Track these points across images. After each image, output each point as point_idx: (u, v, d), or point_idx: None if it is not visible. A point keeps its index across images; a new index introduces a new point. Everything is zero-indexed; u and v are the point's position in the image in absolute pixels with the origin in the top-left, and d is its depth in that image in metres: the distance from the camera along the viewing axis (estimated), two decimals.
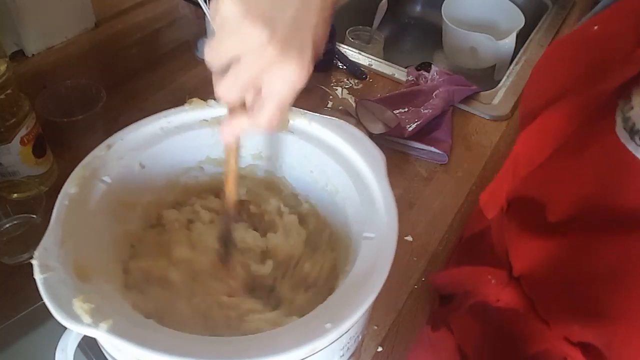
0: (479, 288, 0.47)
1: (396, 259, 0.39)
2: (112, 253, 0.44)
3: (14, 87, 0.63)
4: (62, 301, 0.34)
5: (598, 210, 0.38)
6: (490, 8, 1.24)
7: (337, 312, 0.35)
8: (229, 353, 0.33)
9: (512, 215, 0.47)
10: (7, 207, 0.65)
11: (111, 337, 0.33)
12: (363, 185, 0.45)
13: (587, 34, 0.41)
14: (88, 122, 0.73)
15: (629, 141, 0.34)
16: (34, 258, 0.36)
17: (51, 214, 0.40)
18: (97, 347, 0.41)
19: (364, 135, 0.49)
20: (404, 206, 0.69)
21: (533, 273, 0.44)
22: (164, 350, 0.32)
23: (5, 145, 0.64)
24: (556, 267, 0.41)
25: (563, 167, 0.41)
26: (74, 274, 0.37)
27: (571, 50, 0.43)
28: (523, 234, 0.45)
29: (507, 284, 0.46)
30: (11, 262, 0.61)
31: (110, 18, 0.88)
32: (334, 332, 0.34)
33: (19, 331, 0.55)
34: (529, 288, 0.45)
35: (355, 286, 0.37)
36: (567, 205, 0.41)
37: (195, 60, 0.97)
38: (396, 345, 0.60)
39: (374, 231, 0.41)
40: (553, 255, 0.41)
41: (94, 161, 0.45)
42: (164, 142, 0.49)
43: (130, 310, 0.36)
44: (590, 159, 0.38)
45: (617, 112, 0.36)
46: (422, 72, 1.00)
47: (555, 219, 0.41)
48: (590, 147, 0.38)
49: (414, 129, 0.84)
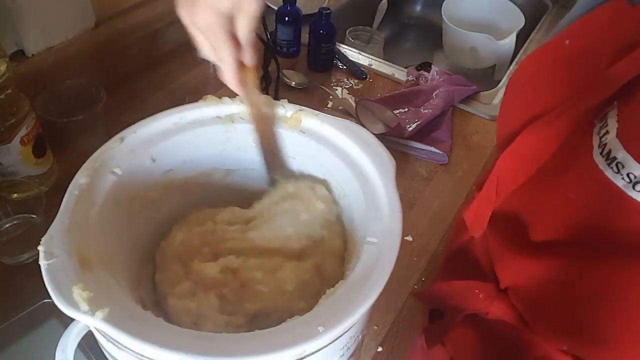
0: (468, 302, 0.47)
1: (396, 258, 0.40)
2: (118, 245, 0.45)
3: (14, 87, 0.63)
4: (63, 288, 0.35)
5: (583, 234, 0.38)
6: (490, 8, 1.24)
7: (330, 316, 0.35)
8: (217, 350, 0.33)
9: (496, 230, 0.47)
10: (7, 207, 0.65)
11: (105, 326, 0.33)
12: (370, 189, 0.45)
13: (559, 49, 0.41)
14: (88, 122, 0.73)
15: (607, 168, 0.34)
16: (40, 244, 0.37)
17: (51, 214, 0.40)
18: (97, 347, 0.41)
19: (376, 139, 0.48)
20: (404, 206, 0.69)
21: (520, 288, 0.44)
22: (154, 342, 0.33)
23: (5, 145, 0.64)
24: (542, 285, 0.41)
25: (546, 190, 0.41)
26: (77, 262, 0.37)
27: (544, 69, 0.42)
28: (508, 251, 0.45)
29: (495, 297, 0.46)
30: (11, 262, 0.61)
31: (110, 18, 0.87)
32: (325, 335, 0.34)
33: (19, 331, 0.55)
34: (517, 300, 0.45)
35: (352, 291, 0.37)
36: (552, 227, 0.40)
37: (195, 60, 0.97)
38: (396, 345, 0.60)
39: (377, 237, 0.41)
40: (539, 275, 0.41)
41: (106, 153, 0.46)
42: (177, 137, 0.49)
43: (129, 301, 0.37)
44: (572, 183, 0.38)
45: (593, 135, 0.35)
46: (422, 72, 1.00)
47: (540, 239, 0.41)
48: (570, 171, 0.38)
49: (414, 129, 0.84)
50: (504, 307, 0.45)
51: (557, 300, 0.40)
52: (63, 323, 0.55)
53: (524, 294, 0.44)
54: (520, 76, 0.46)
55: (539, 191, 0.41)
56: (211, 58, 0.45)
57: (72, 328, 0.43)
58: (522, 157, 0.41)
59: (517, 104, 0.45)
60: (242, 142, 0.52)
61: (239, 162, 0.55)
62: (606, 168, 0.34)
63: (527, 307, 0.44)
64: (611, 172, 0.33)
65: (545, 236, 0.41)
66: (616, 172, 0.33)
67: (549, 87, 0.41)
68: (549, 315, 0.42)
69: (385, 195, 0.44)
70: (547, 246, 0.41)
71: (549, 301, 0.41)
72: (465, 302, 0.47)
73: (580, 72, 0.38)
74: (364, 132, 0.49)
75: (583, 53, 0.38)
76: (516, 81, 0.47)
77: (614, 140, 0.33)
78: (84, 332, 0.43)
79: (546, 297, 0.41)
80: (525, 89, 0.45)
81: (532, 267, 0.42)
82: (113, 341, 0.35)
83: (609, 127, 0.34)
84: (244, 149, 0.53)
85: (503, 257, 0.46)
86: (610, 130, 0.34)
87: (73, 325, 0.43)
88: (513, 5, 1.21)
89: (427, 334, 0.56)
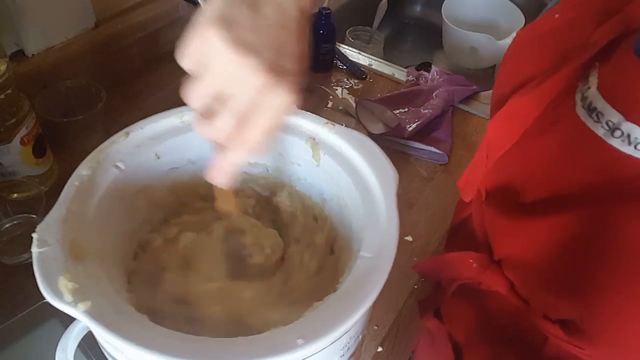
0: (461, 272, 0.48)
1: (396, 258, 0.39)
2: (115, 238, 0.44)
3: (14, 87, 0.63)
4: (50, 277, 0.35)
5: (571, 188, 0.39)
6: (490, 8, 1.24)
7: (313, 328, 0.34)
8: (195, 352, 0.33)
9: (489, 201, 0.48)
10: (7, 207, 0.65)
11: (86, 319, 0.33)
12: (371, 201, 0.44)
13: (550, 21, 0.43)
14: (88, 122, 0.73)
15: (587, 118, 0.36)
16: (35, 231, 0.37)
17: None
18: (97, 347, 0.41)
19: (381, 151, 0.47)
20: (404, 206, 0.69)
21: (512, 254, 0.45)
22: (128, 338, 0.33)
23: (5, 145, 0.64)
24: (534, 246, 0.42)
25: (531, 149, 0.42)
26: (69, 253, 0.37)
27: (536, 39, 0.45)
28: (500, 218, 0.46)
29: (488, 267, 0.46)
30: (11, 262, 0.61)
31: (110, 18, 0.87)
32: (305, 348, 0.33)
33: (19, 331, 0.55)
34: (509, 270, 0.45)
35: (338, 305, 0.36)
36: (538, 185, 0.42)
37: None
38: (396, 345, 0.60)
39: (372, 252, 0.40)
40: (530, 235, 0.42)
41: (110, 146, 0.46)
42: (183, 136, 0.49)
43: (115, 296, 0.37)
44: (555, 139, 0.40)
45: (576, 93, 0.38)
46: (422, 72, 1.00)
47: (530, 200, 0.42)
48: (554, 128, 0.40)
49: (414, 129, 0.84)
50: (497, 277, 0.46)
51: (552, 261, 0.41)
52: (63, 323, 0.55)
53: (516, 261, 0.45)
54: (513, 49, 0.48)
55: (527, 151, 0.43)
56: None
57: (72, 328, 0.43)
58: (511, 120, 0.42)
59: (507, 74, 0.47)
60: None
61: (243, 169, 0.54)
62: (587, 119, 0.36)
63: (519, 274, 0.44)
64: (592, 121, 0.36)
65: (536, 196, 0.42)
66: (596, 121, 0.35)
67: (539, 54, 0.43)
68: (541, 274, 0.42)
69: (384, 209, 0.43)
70: (538, 206, 0.42)
71: (544, 265, 0.42)
72: (459, 272, 0.48)
73: (567, 40, 0.40)
74: (369, 142, 0.48)
75: (569, 23, 0.41)
76: (509, 54, 0.48)
77: (594, 93, 0.36)
78: (84, 332, 0.43)
79: (538, 256, 0.42)
80: (517, 58, 0.47)
81: (524, 231, 0.43)
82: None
83: (590, 83, 0.36)
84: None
85: (497, 227, 0.47)
86: (591, 85, 0.36)
87: (73, 325, 0.43)
88: (513, 5, 1.21)
89: (421, 305, 0.57)
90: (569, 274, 0.40)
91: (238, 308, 0.45)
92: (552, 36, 0.42)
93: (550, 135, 0.40)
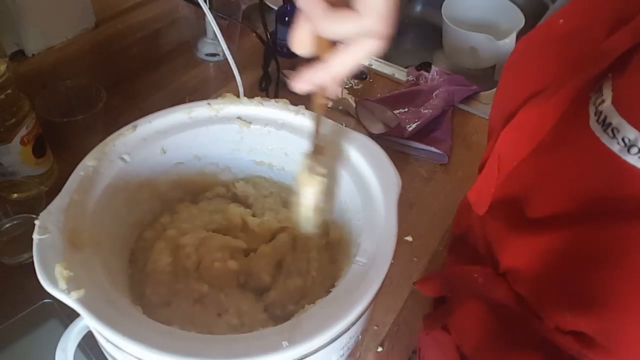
0: (467, 287, 0.48)
1: (396, 258, 0.39)
2: (116, 229, 0.45)
3: (14, 87, 0.63)
4: (47, 264, 0.36)
5: (582, 203, 0.38)
6: (490, 8, 1.24)
7: (300, 332, 0.34)
8: (179, 348, 0.32)
9: (494, 213, 0.47)
10: (7, 207, 0.65)
11: (78, 307, 0.34)
12: (371, 207, 0.44)
13: (554, 28, 0.42)
14: (88, 122, 0.73)
15: (603, 134, 0.35)
16: (37, 218, 0.38)
17: None
18: (97, 347, 0.41)
19: (386, 156, 0.47)
20: (404, 206, 0.69)
21: (521, 269, 0.44)
22: (116, 329, 0.33)
23: (5, 145, 0.64)
24: (545, 261, 0.41)
25: (544, 163, 0.41)
26: (68, 241, 0.38)
27: (541, 46, 0.43)
28: (506, 230, 0.45)
29: (494, 281, 0.46)
30: (11, 262, 0.61)
31: (110, 18, 0.87)
32: (289, 351, 0.33)
33: (19, 331, 0.55)
34: (518, 284, 0.45)
35: (328, 309, 0.36)
36: (551, 200, 0.41)
37: (195, 60, 0.97)
38: (396, 345, 0.60)
39: (367, 258, 0.39)
40: (541, 250, 0.41)
41: (117, 139, 0.46)
42: (190, 132, 0.49)
43: (109, 286, 0.37)
44: (569, 153, 0.39)
45: (589, 106, 0.36)
46: (422, 72, 1.00)
47: (538, 212, 0.42)
48: (568, 142, 0.39)
49: (414, 129, 0.84)
50: (504, 290, 0.45)
51: (558, 274, 0.40)
52: (63, 323, 0.55)
53: (524, 275, 0.44)
54: (517, 56, 0.47)
55: (538, 165, 0.42)
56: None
57: (72, 328, 0.43)
58: (523, 133, 0.41)
59: (514, 83, 0.46)
60: (255, 144, 0.52)
61: (248, 168, 0.54)
62: (602, 134, 0.35)
63: (528, 288, 0.44)
64: (607, 137, 0.34)
65: (545, 211, 0.41)
66: (612, 137, 0.34)
67: (546, 64, 0.41)
68: (552, 288, 0.42)
69: (384, 216, 0.42)
70: (546, 221, 0.41)
71: (551, 277, 0.41)
72: (465, 287, 0.48)
73: (575, 49, 0.39)
74: (374, 146, 0.48)
75: (577, 30, 0.39)
76: (513, 61, 0.47)
77: (609, 107, 0.34)
78: (84, 332, 0.43)
79: (547, 274, 0.41)
80: (522, 68, 0.46)
81: (532, 245, 0.42)
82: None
83: (604, 96, 0.35)
84: (255, 152, 0.53)
85: (502, 240, 0.46)
86: (606, 99, 0.35)
87: (73, 325, 0.43)
88: (513, 5, 1.21)
89: (427, 320, 0.57)
90: (584, 290, 0.39)
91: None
92: (559, 44, 0.41)
93: (564, 150, 0.39)
